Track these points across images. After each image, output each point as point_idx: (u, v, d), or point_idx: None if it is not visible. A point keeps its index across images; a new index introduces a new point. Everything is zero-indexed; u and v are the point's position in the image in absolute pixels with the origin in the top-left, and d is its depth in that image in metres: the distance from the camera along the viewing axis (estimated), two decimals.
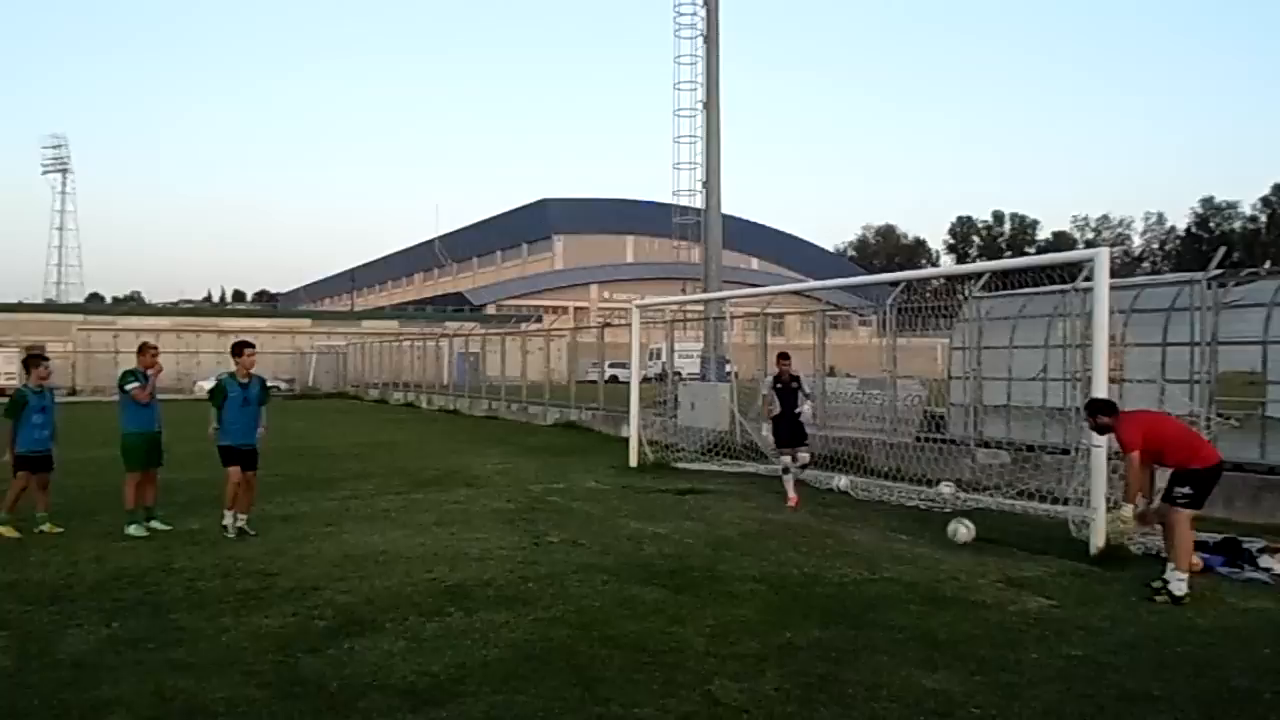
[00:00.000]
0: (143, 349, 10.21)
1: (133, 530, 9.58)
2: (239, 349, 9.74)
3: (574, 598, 7.21)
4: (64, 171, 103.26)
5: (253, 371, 9.77)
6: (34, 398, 9.86)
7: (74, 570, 8.09)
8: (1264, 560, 8.30)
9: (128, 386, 9.84)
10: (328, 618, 6.64)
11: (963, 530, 9.32)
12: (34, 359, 10.50)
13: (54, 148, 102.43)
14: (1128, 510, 7.62)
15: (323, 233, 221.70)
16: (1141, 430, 7.61)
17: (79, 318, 53.78)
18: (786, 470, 12.01)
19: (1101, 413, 7.95)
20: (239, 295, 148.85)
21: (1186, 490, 7.44)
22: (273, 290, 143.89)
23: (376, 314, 74.31)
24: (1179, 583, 7.18)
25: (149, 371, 9.94)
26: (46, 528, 9.68)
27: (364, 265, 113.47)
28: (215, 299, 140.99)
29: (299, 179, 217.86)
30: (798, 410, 12.05)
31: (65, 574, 7.96)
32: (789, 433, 12.06)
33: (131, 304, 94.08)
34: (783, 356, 12.48)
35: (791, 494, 11.89)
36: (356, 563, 8.38)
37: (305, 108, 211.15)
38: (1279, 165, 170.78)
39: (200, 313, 71.47)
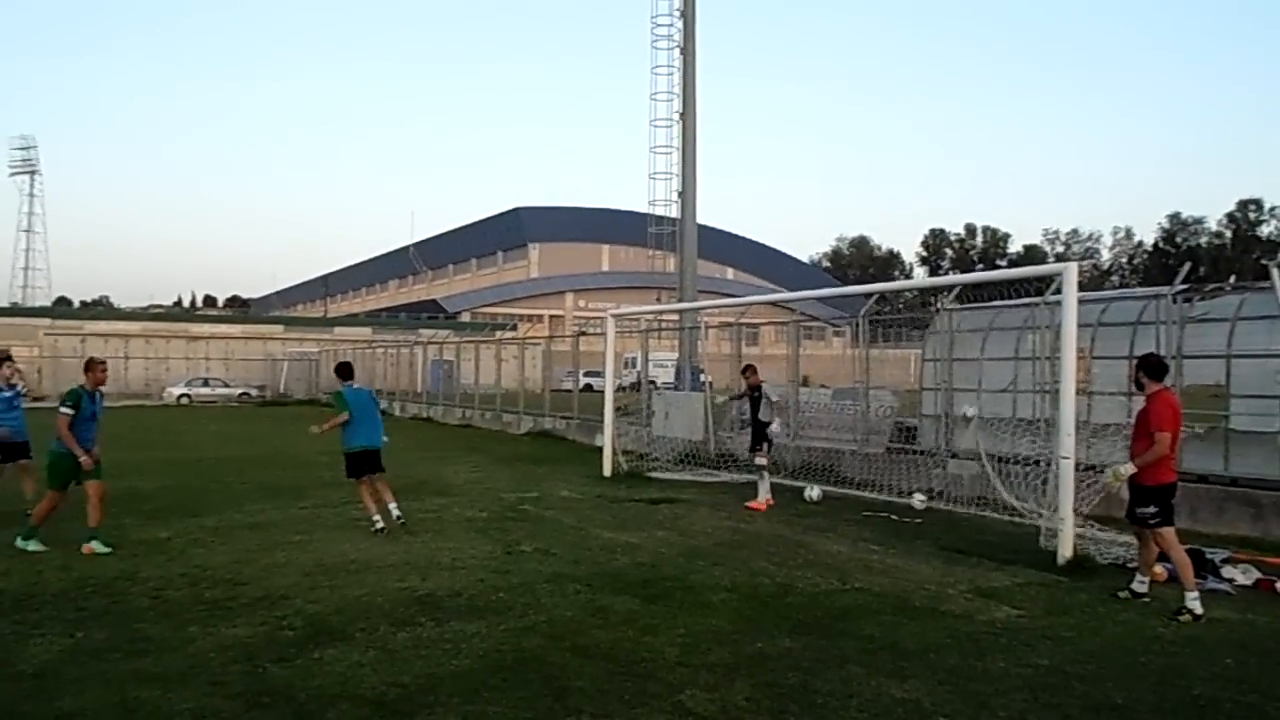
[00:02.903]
0: (90, 365, 9.47)
1: (30, 546, 9.05)
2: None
3: (546, 607, 7.19)
4: (32, 173, 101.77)
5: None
6: None
7: (38, 579, 7.96)
8: (1227, 571, 8.43)
9: (62, 409, 9.09)
10: (297, 627, 6.58)
11: None
12: None
13: (22, 149, 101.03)
14: (1127, 469, 7.45)
15: (296, 238, 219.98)
16: (1175, 417, 7.50)
17: (46, 322, 52.96)
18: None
19: (1151, 375, 7.65)
20: (210, 300, 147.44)
21: (1151, 510, 7.38)
22: (245, 295, 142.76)
23: (350, 320, 73.77)
24: (1194, 601, 7.15)
25: (98, 391, 9.30)
26: None
27: (338, 271, 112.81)
28: (186, 304, 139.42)
29: (272, 183, 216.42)
30: (766, 421, 12.45)
31: (29, 582, 7.84)
32: (755, 437, 12.62)
33: (100, 308, 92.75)
34: (747, 369, 13.11)
35: (764, 495, 12.33)
36: (327, 572, 8.31)
37: (279, 112, 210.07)
38: (1244, 182, 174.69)
39: (170, 318, 70.64)
